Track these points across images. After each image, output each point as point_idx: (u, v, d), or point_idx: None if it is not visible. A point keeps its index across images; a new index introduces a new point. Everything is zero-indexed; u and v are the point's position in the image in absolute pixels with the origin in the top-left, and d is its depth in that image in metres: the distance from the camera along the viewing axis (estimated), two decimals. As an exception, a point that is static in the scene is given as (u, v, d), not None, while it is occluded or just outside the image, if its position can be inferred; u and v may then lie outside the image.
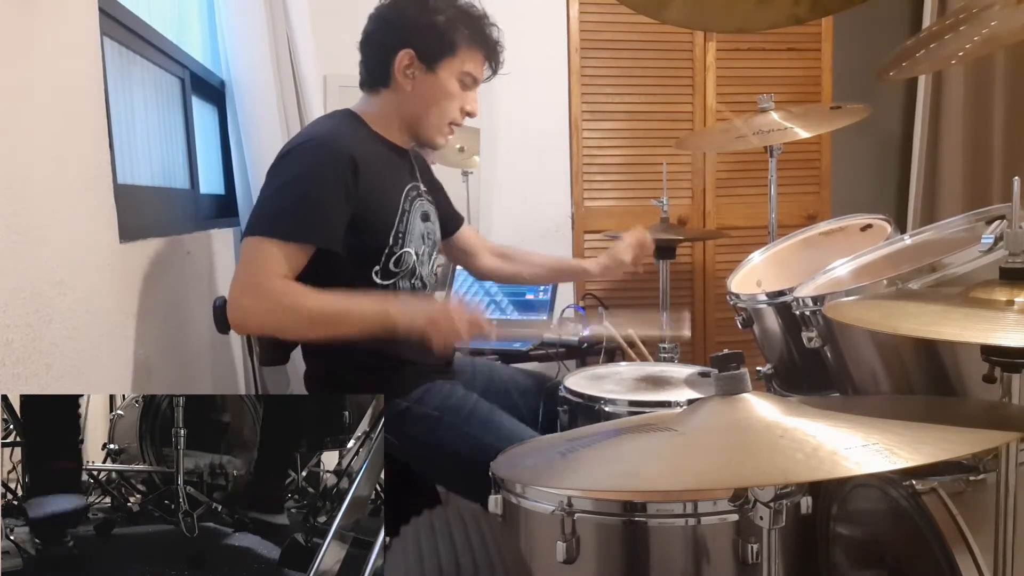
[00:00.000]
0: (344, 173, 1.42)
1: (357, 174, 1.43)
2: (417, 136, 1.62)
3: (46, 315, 1.06)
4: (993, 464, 1.08)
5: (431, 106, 1.56)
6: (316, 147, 1.44)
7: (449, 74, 1.55)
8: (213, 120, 2.33)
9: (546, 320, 1.45)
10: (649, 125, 3.03)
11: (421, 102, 1.56)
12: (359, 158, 1.44)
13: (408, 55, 1.52)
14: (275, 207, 1.41)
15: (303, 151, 1.44)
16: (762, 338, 1.67)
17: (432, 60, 1.53)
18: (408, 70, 1.53)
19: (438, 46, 1.53)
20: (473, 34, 1.55)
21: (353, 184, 1.43)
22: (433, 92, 1.55)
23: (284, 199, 1.41)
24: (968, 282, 1.05)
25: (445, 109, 1.57)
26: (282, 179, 1.42)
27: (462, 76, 1.56)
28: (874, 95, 3.00)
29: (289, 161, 1.44)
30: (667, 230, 2.30)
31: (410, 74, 1.53)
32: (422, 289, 1.60)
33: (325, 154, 1.43)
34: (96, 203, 1.29)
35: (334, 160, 1.42)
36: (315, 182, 1.41)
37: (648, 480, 0.86)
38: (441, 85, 1.55)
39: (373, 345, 1.39)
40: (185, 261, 1.77)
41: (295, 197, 1.40)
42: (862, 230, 1.80)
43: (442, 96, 1.56)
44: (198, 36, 2.22)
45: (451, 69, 1.55)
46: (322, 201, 1.41)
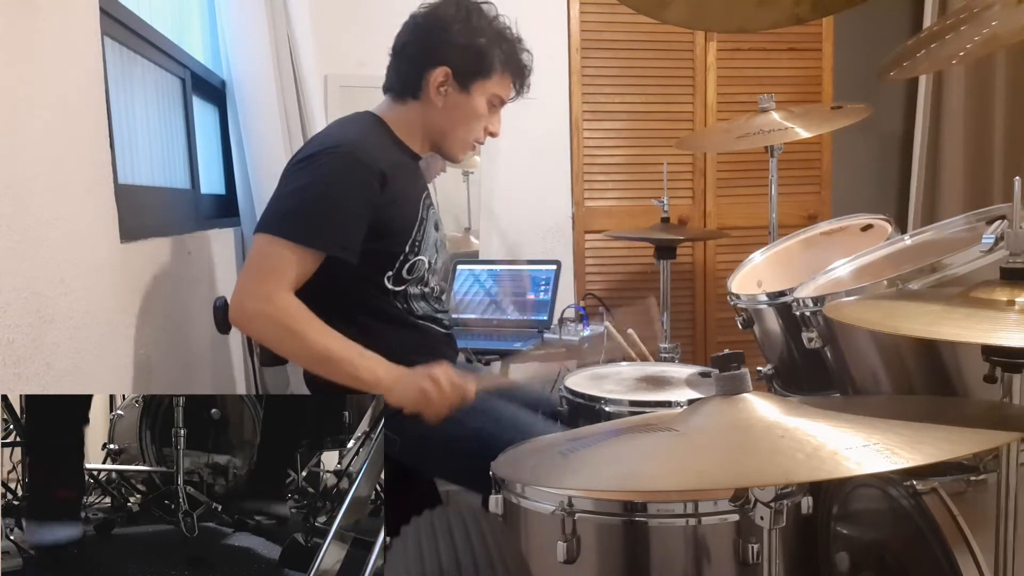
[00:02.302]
0: (371, 184, 1.42)
1: (384, 184, 1.43)
2: (440, 149, 1.62)
3: (47, 315, 1.06)
4: (994, 464, 1.08)
5: (459, 124, 1.57)
6: (344, 154, 1.42)
7: (480, 95, 1.55)
8: (214, 120, 2.33)
9: (533, 377, 1.47)
10: (650, 125, 3.03)
11: (449, 119, 1.56)
12: (387, 168, 1.44)
13: (444, 73, 1.52)
14: (293, 208, 1.40)
15: (330, 156, 1.42)
16: (763, 338, 1.67)
17: (467, 80, 1.53)
18: (442, 87, 1.53)
19: (476, 68, 1.53)
20: (508, 58, 1.56)
21: (379, 194, 1.43)
22: (463, 111, 1.55)
23: (305, 202, 1.39)
24: (969, 282, 1.05)
25: (472, 128, 1.58)
26: (305, 181, 1.41)
27: (492, 98, 1.57)
28: (875, 95, 3.00)
29: (314, 164, 1.42)
30: (667, 230, 2.30)
31: (443, 91, 1.53)
32: (430, 295, 1.59)
33: (353, 164, 1.42)
34: (97, 203, 1.29)
35: (362, 171, 1.41)
36: (338, 191, 1.40)
37: (649, 480, 0.86)
38: (472, 105, 1.55)
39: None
40: (186, 261, 1.77)
41: (318, 203, 1.39)
42: (863, 230, 1.80)
43: (472, 116, 1.56)
44: (199, 36, 2.22)
45: (483, 90, 1.55)
46: (343, 210, 1.40)
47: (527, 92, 1.64)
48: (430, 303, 1.59)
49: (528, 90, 1.63)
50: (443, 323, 1.62)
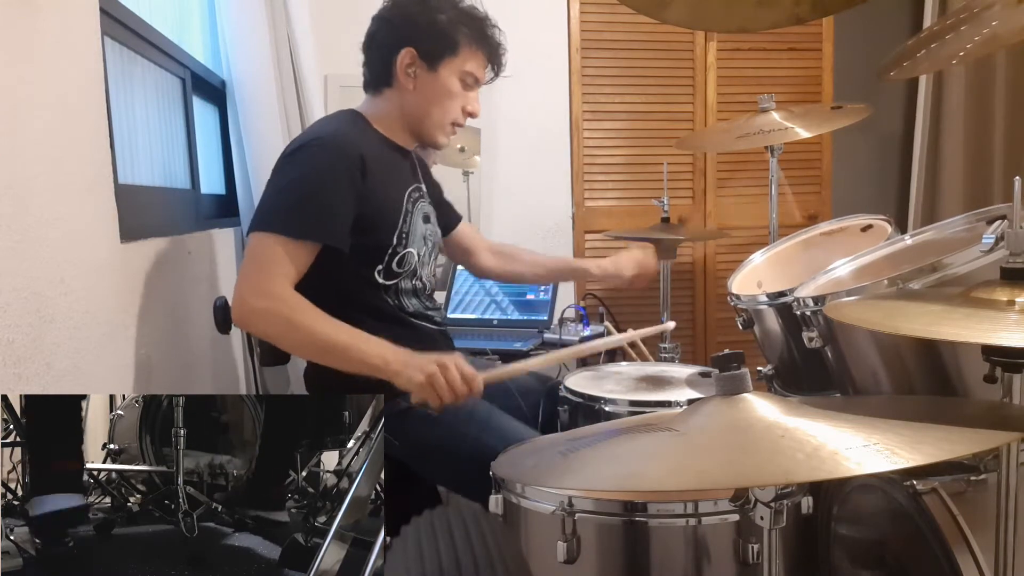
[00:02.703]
0: (353, 171, 1.43)
1: (365, 173, 1.45)
2: (420, 135, 1.62)
3: (47, 315, 1.06)
4: (994, 464, 1.08)
5: (433, 105, 1.57)
6: (325, 145, 1.45)
7: (450, 73, 1.56)
8: (214, 120, 2.33)
9: (532, 359, 1.46)
10: (650, 125, 3.03)
11: (423, 101, 1.56)
12: (367, 157, 1.46)
13: (409, 54, 1.53)
14: (283, 204, 1.41)
15: (312, 149, 1.44)
16: (763, 338, 1.67)
17: (433, 59, 1.54)
18: (410, 68, 1.54)
19: (439, 45, 1.54)
20: (475, 34, 1.56)
21: (361, 182, 1.44)
22: (435, 91, 1.56)
23: (292, 196, 1.41)
24: (969, 282, 1.05)
25: (447, 108, 1.58)
26: (290, 176, 1.43)
27: (463, 76, 1.57)
28: (875, 95, 3.00)
29: (298, 159, 1.44)
30: (667, 230, 2.30)
31: (412, 73, 1.54)
32: (423, 289, 1.60)
33: (334, 153, 1.44)
34: (97, 203, 1.29)
35: (343, 159, 1.43)
36: (324, 181, 1.42)
37: (649, 480, 0.86)
38: (442, 84, 1.56)
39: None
40: (186, 261, 1.77)
41: (303, 195, 1.41)
42: (863, 230, 1.80)
43: (444, 95, 1.57)
44: (199, 36, 2.22)
45: (452, 68, 1.55)
46: (330, 200, 1.41)
47: (503, 70, 1.64)
48: (421, 300, 1.60)
49: (504, 68, 1.63)
50: (435, 320, 1.62)
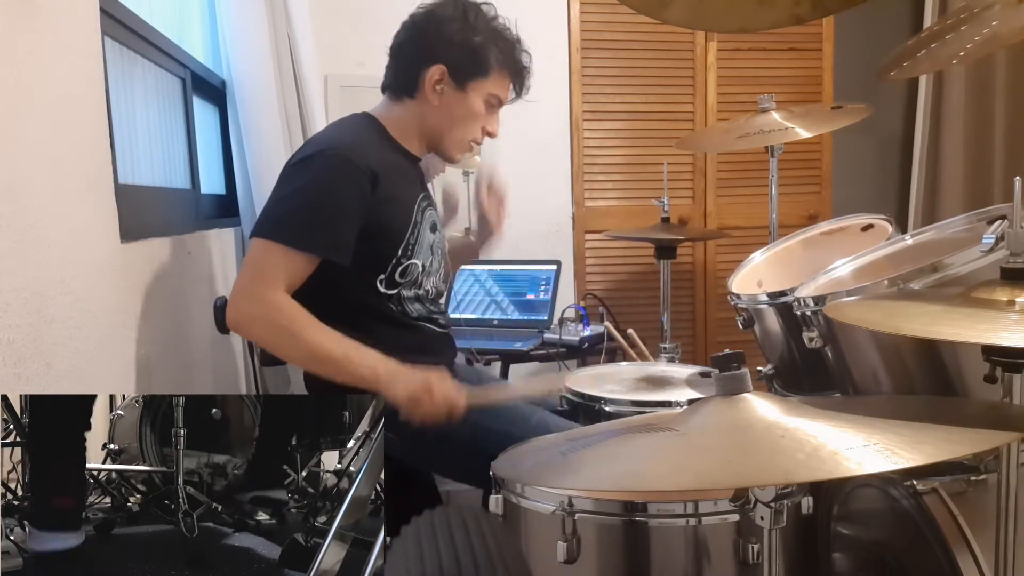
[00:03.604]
0: (362, 185, 1.42)
1: (376, 185, 1.44)
2: (437, 149, 1.62)
3: (47, 315, 1.06)
4: (994, 464, 1.08)
5: (455, 124, 1.57)
6: (336, 157, 1.43)
7: (477, 94, 1.55)
8: (214, 120, 2.33)
9: (529, 382, 1.46)
10: (650, 125, 3.03)
11: (446, 118, 1.56)
12: (379, 169, 1.44)
13: (440, 70, 1.52)
14: (288, 212, 1.41)
15: (322, 160, 1.43)
16: (763, 338, 1.67)
17: (463, 79, 1.53)
18: (438, 85, 1.53)
19: (472, 66, 1.53)
20: (506, 58, 1.56)
21: (371, 195, 1.43)
22: (460, 110, 1.55)
23: (298, 206, 1.40)
24: (969, 282, 1.05)
25: (468, 128, 1.58)
26: (298, 184, 1.42)
27: (489, 97, 1.57)
28: (875, 95, 3.00)
29: (309, 167, 1.43)
30: (668, 230, 2.30)
31: (439, 89, 1.53)
32: (425, 298, 1.59)
33: (344, 167, 1.42)
34: (97, 203, 1.29)
35: (353, 172, 1.42)
36: (330, 194, 1.40)
37: (649, 480, 0.86)
38: (468, 104, 1.55)
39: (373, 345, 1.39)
40: (186, 261, 1.77)
41: (310, 206, 1.40)
42: (863, 230, 1.80)
43: (468, 115, 1.56)
44: (199, 36, 2.22)
45: (480, 90, 1.55)
46: (337, 214, 1.41)
47: (526, 94, 1.64)
48: (425, 305, 1.59)
49: (527, 91, 1.63)
50: (439, 323, 1.62)
